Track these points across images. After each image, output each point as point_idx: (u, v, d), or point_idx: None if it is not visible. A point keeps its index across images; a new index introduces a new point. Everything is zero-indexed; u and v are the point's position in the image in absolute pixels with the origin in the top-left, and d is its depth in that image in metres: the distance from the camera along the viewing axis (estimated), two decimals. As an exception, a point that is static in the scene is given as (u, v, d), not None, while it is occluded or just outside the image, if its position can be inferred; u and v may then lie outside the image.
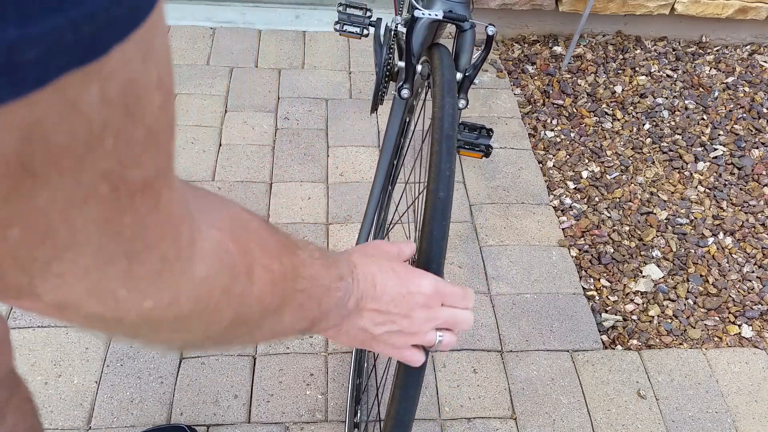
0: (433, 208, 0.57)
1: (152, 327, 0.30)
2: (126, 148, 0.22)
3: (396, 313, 0.48)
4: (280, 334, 0.41)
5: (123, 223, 0.24)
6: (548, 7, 2.08)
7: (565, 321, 1.41)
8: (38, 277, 0.23)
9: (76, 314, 0.27)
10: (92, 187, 0.21)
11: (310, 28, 2.10)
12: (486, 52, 0.80)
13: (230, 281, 0.33)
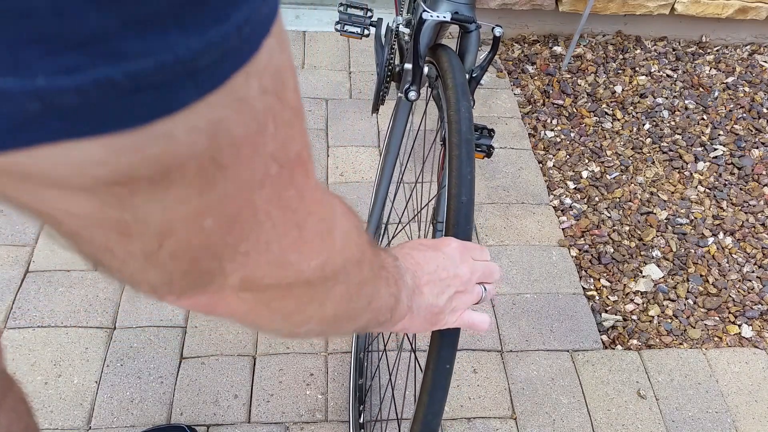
0: (456, 212, 0.57)
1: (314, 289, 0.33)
2: (283, 129, 0.24)
3: (446, 277, 0.50)
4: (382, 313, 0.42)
5: (289, 196, 0.27)
6: (548, 7, 2.08)
7: (565, 321, 1.41)
8: (227, 259, 0.26)
9: (255, 291, 0.30)
10: (266, 169, 0.24)
11: (310, 28, 2.10)
12: (493, 53, 0.80)
13: (358, 236, 0.37)
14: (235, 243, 0.25)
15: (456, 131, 0.62)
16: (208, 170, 0.21)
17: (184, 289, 0.27)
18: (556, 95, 1.97)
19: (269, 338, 1.32)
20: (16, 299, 1.32)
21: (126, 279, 0.25)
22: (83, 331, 1.29)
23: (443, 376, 0.53)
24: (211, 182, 0.22)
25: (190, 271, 0.25)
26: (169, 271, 0.25)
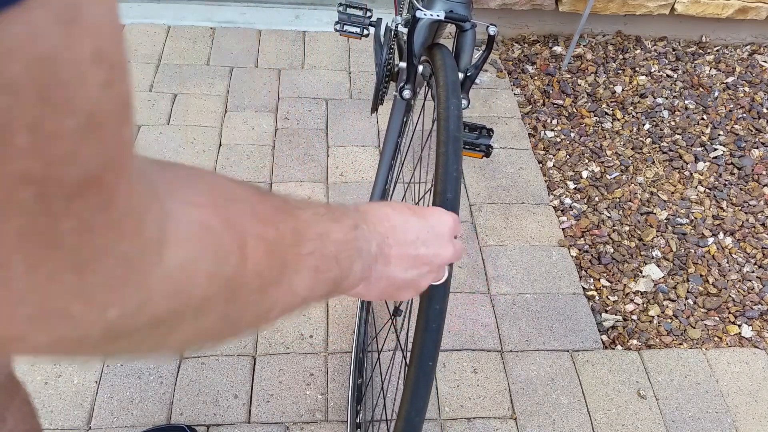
0: None
1: (127, 337, 0.26)
2: (50, 142, 0.17)
3: (424, 254, 0.45)
4: (299, 304, 0.37)
5: (62, 232, 0.20)
6: (548, 7, 2.08)
7: (565, 321, 1.41)
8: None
9: (24, 347, 0.22)
10: (9, 196, 0.17)
11: (310, 28, 2.10)
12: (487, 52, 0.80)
13: (216, 263, 0.29)
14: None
15: (444, 128, 0.63)
16: None
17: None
18: (556, 95, 1.97)
19: (269, 338, 1.32)
20: (16, 299, 1.32)
21: None
22: (83, 331, 1.29)
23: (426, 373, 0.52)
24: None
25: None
26: None
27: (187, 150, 1.68)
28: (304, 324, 1.35)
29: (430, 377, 0.52)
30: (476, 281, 1.47)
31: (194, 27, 2.06)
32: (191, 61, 1.94)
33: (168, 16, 2.09)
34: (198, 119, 1.77)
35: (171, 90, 1.84)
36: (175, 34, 2.02)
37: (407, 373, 0.54)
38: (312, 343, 1.32)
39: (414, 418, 0.51)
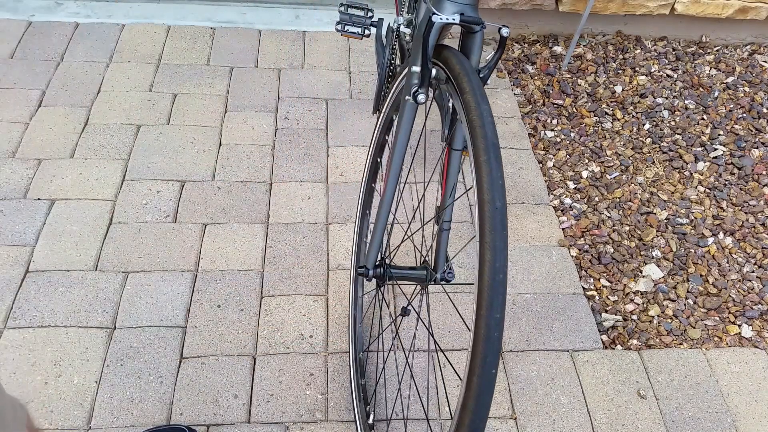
0: (492, 219, 0.56)
1: None
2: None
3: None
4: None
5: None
6: (548, 7, 2.08)
7: (565, 321, 1.41)
8: None
9: None
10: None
11: (310, 28, 2.10)
12: (500, 53, 0.81)
13: None
14: None
15: (482, 136, 0.62)
16: None
17: None
18: (556, 95, 1.97)
19: (269, 338, 1.32)
20: (16, 299, 1.32)
21: None
22: (83, 331, 1.29)
23: (490, 381, 0.53)
24: None
25: None
26: None
27: (187, 150, 1.68)
28: (304, 324, 1.35)
29: (493, 385, 0.52)
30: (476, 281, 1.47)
31: (194, 27, 2.06)
32: (191, 61, 1.94)
33: (168, 16, 2.09)
34: (198, 119, 1.77)
35: (171, 90, 1.84)
36: (175, 34, 2.02)
37: (467, 381, 0.53)
38: (312, 343, 1.32)
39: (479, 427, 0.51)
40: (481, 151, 0.61)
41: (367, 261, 1.02)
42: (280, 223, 1.54)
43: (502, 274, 0.54)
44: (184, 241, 1.47)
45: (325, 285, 1.42)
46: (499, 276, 0.54)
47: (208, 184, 1.60)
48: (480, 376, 0.52)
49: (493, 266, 0.54)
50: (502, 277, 0.54)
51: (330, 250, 1.49)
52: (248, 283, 1.41)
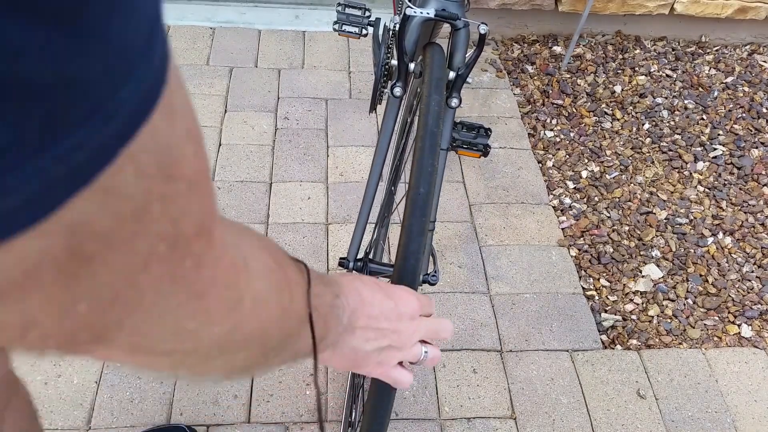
0: (413, 204, 0.57)
1: (220, 355, 0.31)
2: (173, 205, 0.22)
3: (386, 327, 0.47)
4: (299, 354, 0.41)
5: (185, 268, 0.25)
6: (548, 7, 2.08)
7: (565, 321, 1.41)
8: (112, 331, 0.24)
9: (149, 354, 0.28)
10: (150, 251, 0.22)
11: (309, 28, 2.10)
12: (478, 50, 0.80)
13: (279, 297, 0.35)
14: (119, 319, 0.24)
15: (423, 124, 0.63)
16: (69, 267, 0.19)
17: (64, 354, 0.25)
18: (556, 95, 1.97)
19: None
20: (15, 299, 1.32)
21: None
22: (83, 331, 1.29)
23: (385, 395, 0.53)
24: (76, 276, 0.20)
25: (65, 345, 0.23)
26: (39, 347, 0.23)
27: (187, 150, 1.68)
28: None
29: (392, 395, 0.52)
30: (476, 281, 1.47)
31: (194, 27, 2.06)
32: (191, 61, 1.94)
33: (168, 16, 2.09)
34: (198, 119, 1.77)
35: (171, 90, 1.84)
36: (175, 34, 2.03)
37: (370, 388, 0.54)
38: (311, 343, 1.32)
39: None
40: (418, 139, 0.61)
41: (348, 253, 1.03)
42: (280, 223, 1.54)
43: (414, 260, 0.54)
44: (183, 241, 1.47)
45: (325, 285, 1.42)
46: (410, 261, 0.54)
47: (207, 185, 1.60)
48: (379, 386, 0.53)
49: (406, 251, 0.54)
50: (413, 262, 0.54)
51: (330, 250, 1.50)
52: (248, 283, 1.41)
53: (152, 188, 0.21)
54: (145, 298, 0.24)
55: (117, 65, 0.18)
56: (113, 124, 0.18)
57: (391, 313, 0.48)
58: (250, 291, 0.31)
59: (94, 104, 0.17)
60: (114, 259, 0.21)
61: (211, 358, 0.32)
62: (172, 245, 0.23)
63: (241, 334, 0.32)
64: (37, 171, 0.17)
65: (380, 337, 0.47)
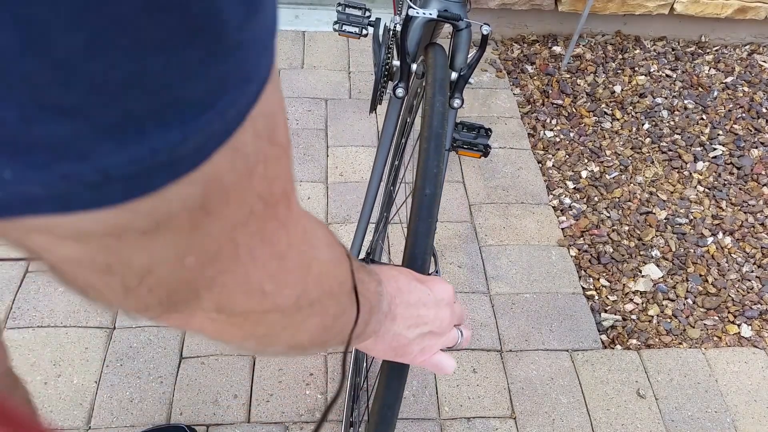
0: (419, 205, 0.57)
1: (290, 317, 0.33)
2: (271, 168, 0.25)
3: (425, 314, 0.49)
4: (346, 333, 0.42)
5: (270, 230, 0.27)
6: (547, 7, 2.08)
7: (565, 321, 1.41)
8: (204, 289, 0.26)
9: (229, 316, 0.30)
10: (251, 209, 0.24)
11: (309, 28, 2.10)
12: (481, 51, 0.80)
13: (338, 269, 0.37)
14: (214, 276, 0.26)
15: (427, 125, 0.63)
16: (197, 216, 0.22)
17: (159, 314, 0.27)
18: (556, 95, 1.97)
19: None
20: (16, 299, 1.33)
21: (104, 304, 0.26)
22: (83, 331, 1.29)
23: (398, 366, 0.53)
24: (198, 226, 0.22)
25: (166, 301, 0.26)
26: (145, 301, 0.25)
27: (187, 150, 1.68)
28: (303, 324, 1.35)
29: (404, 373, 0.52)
30: (476, 281, 1.47)
31: (194, 27, 2.06)
32: (191, 62, 1.94)
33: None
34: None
35: (170, 90, 1.84)
36: (175, 35, 2.02)
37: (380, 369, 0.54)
38: (311, 342, 1.32)
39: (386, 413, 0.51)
40: (423, 140, 0.61)
41: None
42: (280, 223, 1.54)
43: (421, 260, 0.54)
44: (183, 241, 1.47)
45: (325, 285, 1.42)
46: (417, 263, 0.54)
47: (207, 185, 1.60)
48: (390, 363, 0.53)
49: (413, 252, 0.55)
50: (420, 263, 0.54)
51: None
52: (248, 283, 1.41)
53: (261, 149, 0.23)
54: (239, 255, 0.26)
55: (266, 37, 0.21)
56: (254, 86, 0.21)
57: (429, 300, 0.49)
58: (319, 258, 0.34)
59: (252, 67, 0.20)
60: (227, 212, 0.23)
61: (279, 325, 0.34)
62: (266, 204, 0.25)
63: (307, 299, 0.33)
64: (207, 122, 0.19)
65: (421, 324, 0.49)
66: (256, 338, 0.34)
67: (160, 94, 0.17)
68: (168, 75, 0.17)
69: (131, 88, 0.16)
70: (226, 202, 0.23)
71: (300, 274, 0.32)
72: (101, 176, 0.18)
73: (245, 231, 0.25)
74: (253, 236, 0.26)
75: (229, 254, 0.25)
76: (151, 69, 0.16)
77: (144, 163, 0.18)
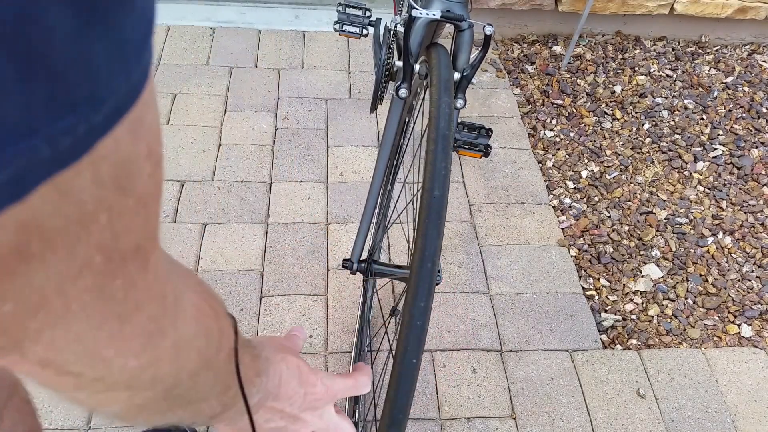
0: (428, 207, 0.57)
1: (126, 387, 0.30)
2: (118, 219, 0.22)
3: (288, 413, 0.47)
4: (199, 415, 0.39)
5: (115, 287, 0.24)
6: (548, 7, 2.08)
7: (565, 321, 1.42)
8: (28, 341, 0.23)
9: (57, 372, 0.26)
10: (86, 260, 0.22)
11: (309, 28, 2.10)
12: (484, 51, 0.80)
13: (206, 345, 0.34)
14: (39, 329, 0.23)
15: (434, 127, 0.62)
16: (9, 262, 0.19)
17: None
18: (556, 95, 1.97)
19: (269, 338, 1.32)
20: (15, 299, 1.32)
21: None
22: (83, 331, 1.29)
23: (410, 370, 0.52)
24: (13, 273, 0.20)
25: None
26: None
27: (187, 150, 1.68)
28: (303, 324, 1.35)
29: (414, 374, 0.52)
30: (476, 281, 1.47)
31: (194, 27, 2.06)
32: (191, 61, 1.94)
33: (168, 16, 2.10)
34: (198, 119, 1.77)
35: (170, 90, 1.84)
36: (175, 34, 2.02)
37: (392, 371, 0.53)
38: (312, 342, 1.32)
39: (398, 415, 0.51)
40: (431, 141, 0.61)
41: (352, 255, 1.03)
42: (280, 223, 1.54)
43: (431, 263, 0.54)
44: (183, 240, 1.47)
45: (325, 285, 1.42)
46: (427, 264, 0.54)
47: (207, 184, 1.60)
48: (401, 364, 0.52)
49: (423, 254, 0.54)
50: (430, 266, 0.54)
51: (330, 250, 1.50)
52: (248, 283, 1.41)
53: (104, 198, 0.21)
54: (69, 310, 0.23)
55: (117, 56, 0.18)
56: (99, 116, 0.18)
57: (298, 399, 0.47)
58: (176, 329, 0.30)
59: (93, 89, 0.18)
60: (52, 261, 0.21)
61: (116, 390, 0.30)
62: (107, 258, 0.23)
63: (152, 373, 0.30)
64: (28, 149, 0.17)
65: (278, 419, 0.47)
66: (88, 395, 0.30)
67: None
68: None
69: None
70: (51, 249, 0.20)
71: (147, 343, 0.28)
72: None
73: (78, 285, 0.22)
74: (89, 292, 0.23)
75: (58, 308, 0.23)
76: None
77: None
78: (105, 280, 0.23)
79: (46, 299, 0.22)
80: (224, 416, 0.42)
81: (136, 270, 0.25)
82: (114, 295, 0.24)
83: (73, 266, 0.22)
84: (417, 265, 0.54)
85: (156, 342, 0.29)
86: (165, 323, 0.29)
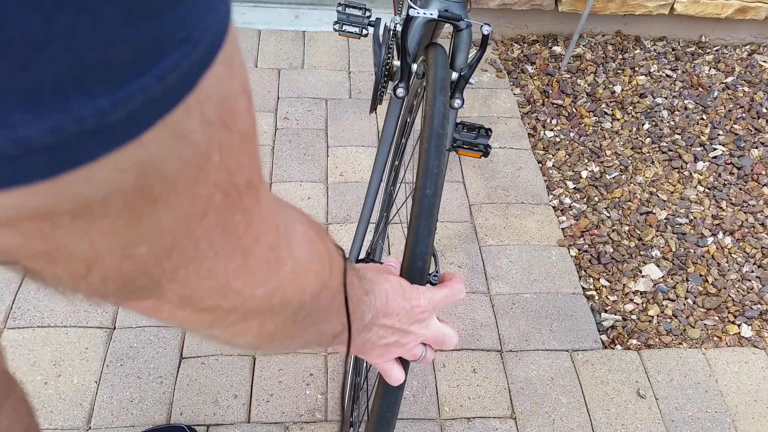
0: (420, 206, 0.57)
1: (258, 314, 0.32)
2: (229, 156, 0.23)
3: (398, 328, 0.50)
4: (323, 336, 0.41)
5: (236, 222, 0.26)
6: (548, 7, 2.08)
7: (565, 321, 1.42)
8: (165, 280, 0.25)
9: (194, 309, 0.29)
10: (208, 200, 0.23)
11: (309, 28, 2.10)
12: (481, 51, 0.80)
13: (320, 267, 0.36)
14: (174, 268, 0.25)
15: (428, 125, 0.63)
16: (136, 204, 0.20)
17: (119, 301, 0.27)
18: (556, 95, 1.97)
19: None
20: (15, 299, 1.33)
21: (60, 292, 0.25)
22: (83, 331, 1.29)
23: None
24: (141, 215, 0.21)
25: (123, 289, 0.25)
26: (100, 290, 0.24)
27: (187, 150, 1.68)
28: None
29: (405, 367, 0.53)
30: (476, 281, 1.47)
31: (194, 27, 2.06)
32: (191, 61, 1.94)
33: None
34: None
35: (170, 90, 1.84)
36: (175, 35, 2.02)
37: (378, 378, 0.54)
38: (311, 342, 1.32)
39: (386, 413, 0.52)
40: (424, 140, 0.62)
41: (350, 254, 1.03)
42: (280, 223, 1.54)
43: (422, 261, 0.55)
44: (183, 241, 1.47)
45: (325, 285, 1.42)
46: (418, 263, 0.54)
47: (207, 185, 1.60)
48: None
49: (413, 252, 0.55)
50: (421, 264, 0.55)
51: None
52: (248, 283, 1.41)
53: (215, 137, 0.22)
54: (199, 249, 0.25)
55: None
56: (199, 51, 0.19)
57: (405, 314, 0.50)
58: (292, 256, 0.32)
59: (188, 27, 0.18)
60: (176, 203, 0.22)
61: (248, 319, 0.32)
62: (226, 196, 0.24)
63: (280, 297, 0.32)
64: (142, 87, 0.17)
65: (390, 334, 0.50)
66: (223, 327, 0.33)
67: (80, 57, 0.16)
68: (85, 36, 0.15)
69: (41, 51, 0.15)
70: (174, 191, 0.21)
71: (270, 271, 0.30)
72: (20, 147, 0.16)
73: (204, 224, 0.24)
74: (214, 230, 0.25)
75: (188, 248, 0.24)
76: (60, 29, 0.15)
77: (68, 131, 0.17)
78: (227, 216, 0.25)
79: (177, 240, 0.23)
80: (344, 336, 0.44)
81: (251, 204, 0.27)
82: (236, 230, 0.26)
83: (197, 207, 0.23)
84: (407, 263, 0.55)
85: (278, 269, 0.31)
86: (282, 251, 0.31)
